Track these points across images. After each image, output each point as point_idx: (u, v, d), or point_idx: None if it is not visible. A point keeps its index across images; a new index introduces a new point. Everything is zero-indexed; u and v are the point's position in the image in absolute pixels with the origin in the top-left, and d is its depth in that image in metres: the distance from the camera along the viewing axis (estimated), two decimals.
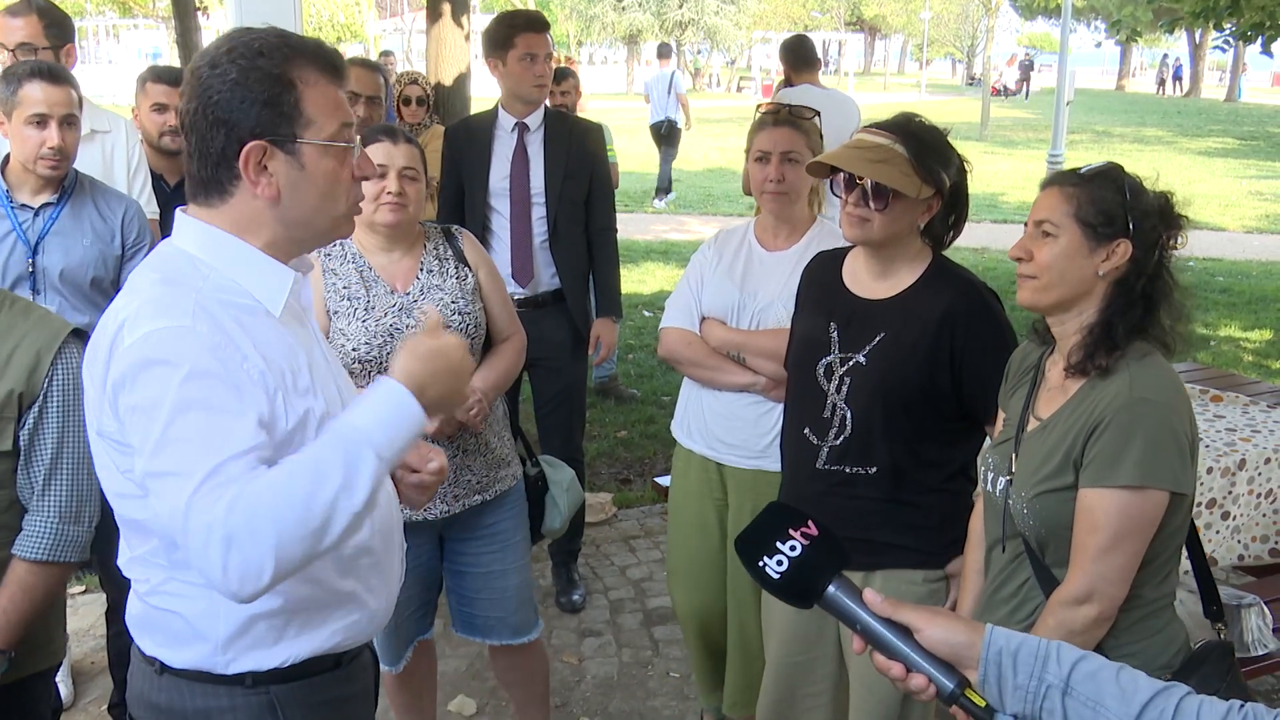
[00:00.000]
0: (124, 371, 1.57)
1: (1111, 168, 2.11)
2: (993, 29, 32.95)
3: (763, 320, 3.06)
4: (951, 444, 2.58)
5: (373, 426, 1.57)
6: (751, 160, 3.10)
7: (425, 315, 1.83)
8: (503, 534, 3.05)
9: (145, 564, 1.75)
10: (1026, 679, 1.37)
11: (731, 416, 3.12)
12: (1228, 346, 8.42)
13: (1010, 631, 1.41)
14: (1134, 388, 2.00)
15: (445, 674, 3.90)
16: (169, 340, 1.57)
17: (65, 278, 3.16)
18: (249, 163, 1.64)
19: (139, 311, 1.60)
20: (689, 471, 3.27)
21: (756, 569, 1.44)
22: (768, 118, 3.08)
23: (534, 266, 4.19)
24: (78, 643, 4.08)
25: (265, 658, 1.76)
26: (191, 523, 1.48)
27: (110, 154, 3.71)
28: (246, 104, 1.62)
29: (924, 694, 1.40)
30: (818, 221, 3.15)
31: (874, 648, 1.42)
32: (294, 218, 1.71)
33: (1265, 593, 3.32)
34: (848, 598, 1.42)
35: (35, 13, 3.72)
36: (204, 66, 1.65)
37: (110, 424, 1.63)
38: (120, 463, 1.65)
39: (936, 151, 2.47)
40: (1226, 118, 32.90)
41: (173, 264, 1.69)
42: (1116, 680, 1.35)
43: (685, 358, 3.16)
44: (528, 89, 4.13)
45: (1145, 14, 16.49)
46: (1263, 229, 14.13)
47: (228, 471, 1.50)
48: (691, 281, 3.20)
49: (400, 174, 2.81)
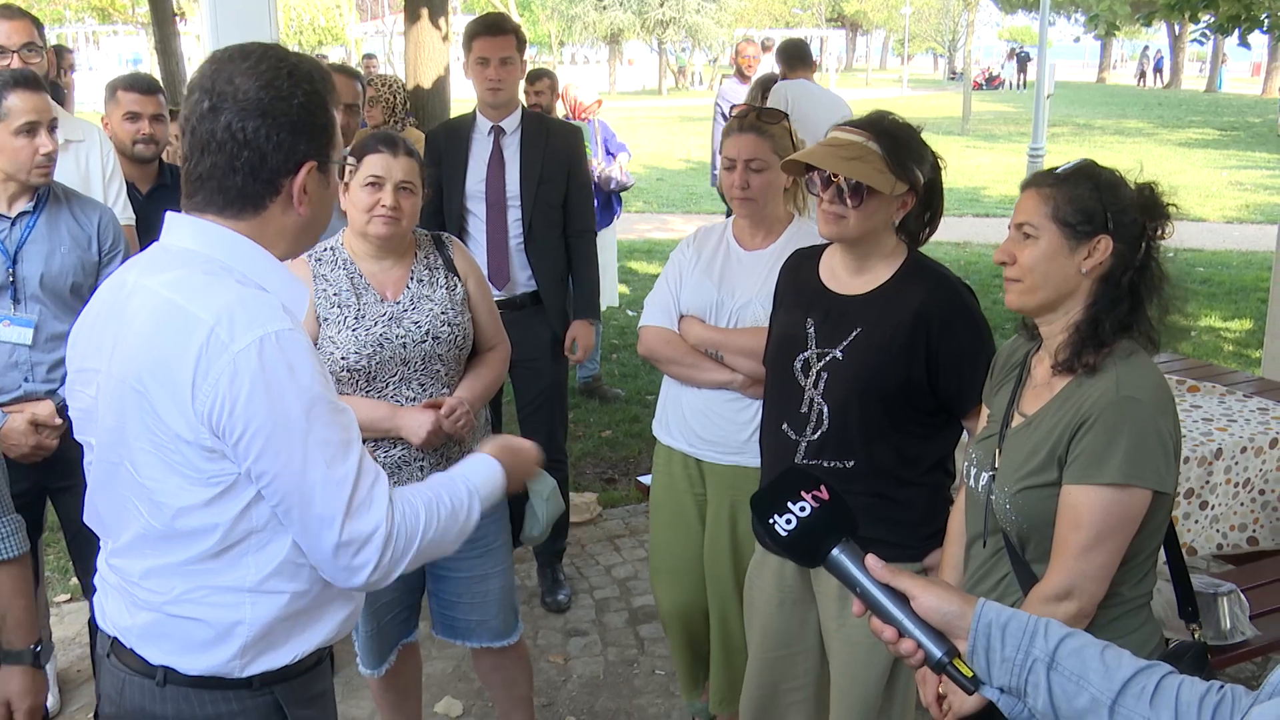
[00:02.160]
0: (242, 375, 1.60)
1: (1087, 165, 2.12)
2: (973, 23, 33.05)
3: (741, 319, 3.08)
4: (928, 438, 2.60)
5: (482, 485, 1.95)
6: (722, 166, 3.11)
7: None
8: (485, 539, 3.04)
9: (172, 574, 1.74)
10: (1014, 652, 1.40)
11: (710, 413, 3.14)
12: (1208, 336, 8.46)
13: (1001, 605, 1.44)
14: (1120, 386, 2.01)
15: (431, 676, 3.91)
16: (285, 343, 1.63)
17: (45, 285, 3.16)
18: (303, 183, 1.73)
19: (233, 313, 1.62)
20: (669, 469, 3.29)
21: (766, 525, 1.49)
22: (734, 123, 3.08)
23: (510, 269, 4.20)
24: (63, 651, 4.07)
25: (276, 658, 1.80)
26: (351, 526, 1.68)
27: (86, 163, 3.69)
28: (311, 128, 1.72)
29: (913, 659, 1.44)
30: (795, 221, 3.16)
31: (870, 610, 1.48)
32: (313, 233, 1.82)
33: (1243, 581, 3.35)
34: (850, 561, 1.48)
35: (27, 17, 3.73)
36: (258, 88, 1.67)
37: (201, 429, 1.62)
38: (194, 472, 1.66)
39: (910, 148, 2.49)
40: (1207, 109, 33.06)
41: (213, 266, 1.71)
42: (1101, 657, 1.38)
43: (664, 355, 3.18)
44: (481, 92, 4.18)
45: (1123, 7, 16.55)
46: (1243, 219, 14.21)
47: (368, 472, 1.71)
48: (670, 279, 3.21)
49: (397, 187, 2.80)
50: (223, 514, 1.68)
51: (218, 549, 1.71)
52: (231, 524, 1.69)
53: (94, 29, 41.17)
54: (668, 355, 3.17)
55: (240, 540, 1.71)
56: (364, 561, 1.69)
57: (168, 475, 1.67)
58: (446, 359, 2.90)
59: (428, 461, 2.89)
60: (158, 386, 1.63)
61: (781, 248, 3.07)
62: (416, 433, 2.80)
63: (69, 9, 36.53)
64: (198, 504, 1.68)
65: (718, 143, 6.08)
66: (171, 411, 1.63)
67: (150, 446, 1.66)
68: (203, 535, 1.70)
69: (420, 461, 2.88)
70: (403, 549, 1.73)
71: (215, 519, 1.68)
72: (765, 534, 1.50)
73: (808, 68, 6.50)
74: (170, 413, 1.63)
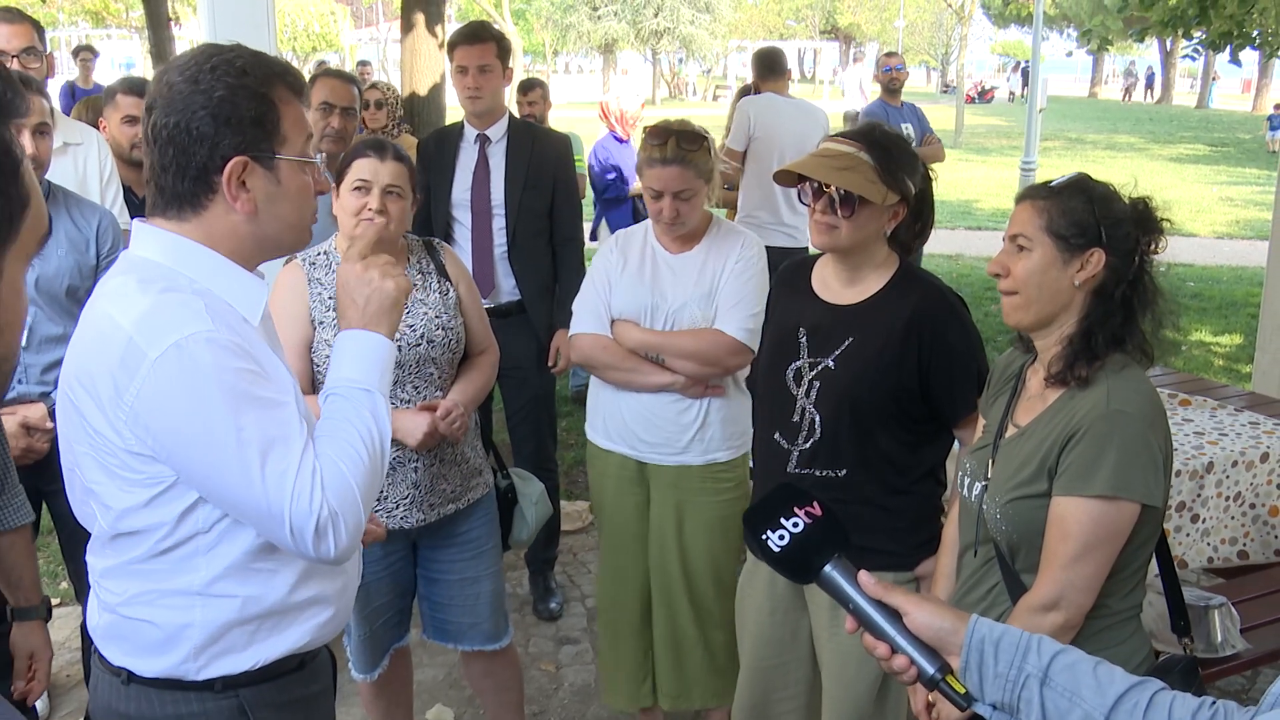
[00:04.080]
0: (157, 385, 1.58)
1: (1080, 178, 2.13)
2: (966, 37, 33.16)
3: (678, 321, 3.10)
4: (919, 447, 2.62)
5: (365, 374, 1.82)
6: (646, 195, 3.10)
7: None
8: (476, 541, 3.06)
9: (124, 574, 1.76)
10: (1007, 668, 1.39)
11: (652, 416, 3.15)
12: (1199, 351, 8.49)
13: (994, 622, 1.44)
14: (1111, 399, 2.02)
15: (423, 682, 3.90)
16: (203, 347, 1.60)
17: (41, 288, 3.15)
18: (231, 178, 1.67)
19: (147, 320, 1.61)
20: (607, 471, 3.29)
21: (759, 541, 1.49)
22: (656, 153, 3.03)
23: (494, 277, 4.21)
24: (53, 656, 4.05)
25: (236, 662, 1.78)
26: (297, 521, 1.63)
27: (83, 166, 3.70)
28: (233, 121, 1.66)
29: (906, 675, 1.44)
30: (714, 220, 3.18)
31: (863, 627, 1.47)
32: (267, 232, 1.74)
33: (1234, 594, 3.35)
34: (843, 578, 1.47)
35: (28, 20, 3.73)
36: (182, 82, 1.66)
37: (127, 435, 1.63)
38: (129, 474, 1.66)
39: (901, 159, 2.51)
40: (1198, 124, 33.23)
41: (151, 272, 1.70)
42: (1094, 673, 1.38)
43: (601, 361, 3.18)
44: (461, 99, 4.23)
45: (1115, 22, 16.61)
46: (1233, 234, 14.28)
47: (307, 462, 1.65)
48: (598, 285, 3.21)
49: (384, 190, 2.80)
50: (164, 514, 1.68)
51: (163, 549, 1.71)
52: (174, 525, 1.69)
53: (88, 33, 41.14)
54: (605, 360, 3.17)
55: (186, 541, 1.70)
56: (325, 543, 1.66)
57: (108, 479, 1.69)
58: (440, 362, 2.91)
59: (421, 463, 2.90)
60: (85, 395, 1.65)
61: (706, 248, 3.12)
62: (413, 435, 2.81)
63: (62, 12, 36.53)
64: (138, 505, 1.68)
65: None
66: (100, 419, 1.64)
67: (90, 450, 1.68)
68: (146, 535, 1.70)
69: (415, 463, 2.89)
70: (350, 513, 1.69)
71: (157, 519, 1.68)
72: (758, 549, 1.50)
73: (781, 76, 6.51)
74: (99, 420, 1.64)
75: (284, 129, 1.71)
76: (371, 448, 1.74)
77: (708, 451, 3.13)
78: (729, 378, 3.15)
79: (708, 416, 3.12)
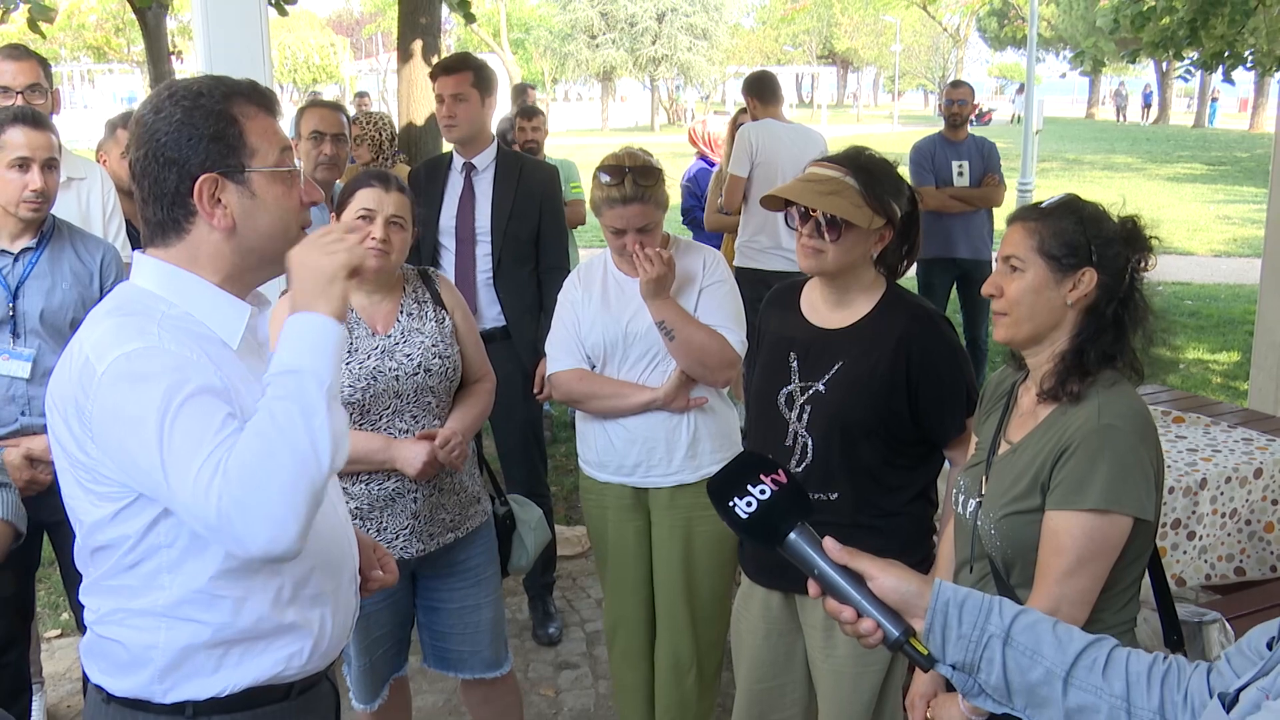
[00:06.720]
0: (104, 398, 1.62)
1: (1070, 199, 2.17)
2: (962, 60, 33.32)
3: (652, 342, 3.10)
4: (910, 468, 2.64)
5: (295, 356, 1.64)
6: (607, 234, 3.10)
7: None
8: (475, 569, 3.08)
9: (99, 591, 1.80)
10: (970, 629, 1.44)
11: (644, 440, 3.15)
12: (1196, 369, 8.51)
13: (958, 586, 1.48)
14: (1102, 414, 2.05)
15: (422, 709, 3.90)
16: (141, 358, 1.63)
17: (45, 321, 3.19)
18: (203, 196, 1.71)
19: (100, 341, 1.66)
20: (605, 503, 3.29)
21: (726, 508, 1.50)
22: (614, 192, 3.01)
23: (477, 304, 4.24)
24: (53, 686, 4.07)
25: (203, 687, 1.77)
26: (207, 509, 1.56)
27: (87, 200, 3.75)
28: (194, 140, 1.70)
29: (871, 638, 1.46)
30: (672, 240, 3.18)
31: (828, 593, 1.49)
32: (249, 245, 1.77)
33: (1229, 610, 3.34)
34: (808, 544, 1.49)
35: (34, 57, 3.79)
36: (148, 114, 1.73)
37: (92, 450, 1.67)
38: (98, 489, 1.70)
39: (886, 183, 2.54)
40: (1195, 144, 33.26)
41: (130, 299, 1.76)
42: (1053, 631, 1.44)
43: (582, 393, 3.18)
44: (440, 129, 4.36)
45: (1108, 44, 16.71)
46: (1230, 253, 14.28)
47: (217, 452, 1.58)
48: (566, 321, 3.22)
49: (388, 221, 2.83)
50: (128, 528, 1.71)
51: (129, 563, 1.73)
52: (139, 537, 1.71)
53: (89, 67, 41.42)
54: (586, 391, 3.17)
55: (151, 556, 1.72)
56: (235, 531, 1.57)
57: (83, 494, 1.74)
58: (438, 391, 2.93)
59: (421, 493, 2.91)
60: (58, 418, 1.72)
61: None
62: (412, 464, 2.83)
63: (64, 48, 36.76)
64: (105, 518, 1.72)
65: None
66: (69, 439, 1.70)
67: (68, 465, 1.74)
68: (113, 549, 1.73)
69: (414, 493, 2.91)
70: (258, 499, 1.56)
71: (122, 532, 1.71)
72: (724, 517, 1.52)
73: (776, 101, 6.51)
74: (69, 440, 1.70)
75: (250, 142, 1.74)
76: (290, 430, 1.58)
77: (701, 468, 3.13)
78: (712, 389, 3.16)
79: (697, 432, 3.13)
